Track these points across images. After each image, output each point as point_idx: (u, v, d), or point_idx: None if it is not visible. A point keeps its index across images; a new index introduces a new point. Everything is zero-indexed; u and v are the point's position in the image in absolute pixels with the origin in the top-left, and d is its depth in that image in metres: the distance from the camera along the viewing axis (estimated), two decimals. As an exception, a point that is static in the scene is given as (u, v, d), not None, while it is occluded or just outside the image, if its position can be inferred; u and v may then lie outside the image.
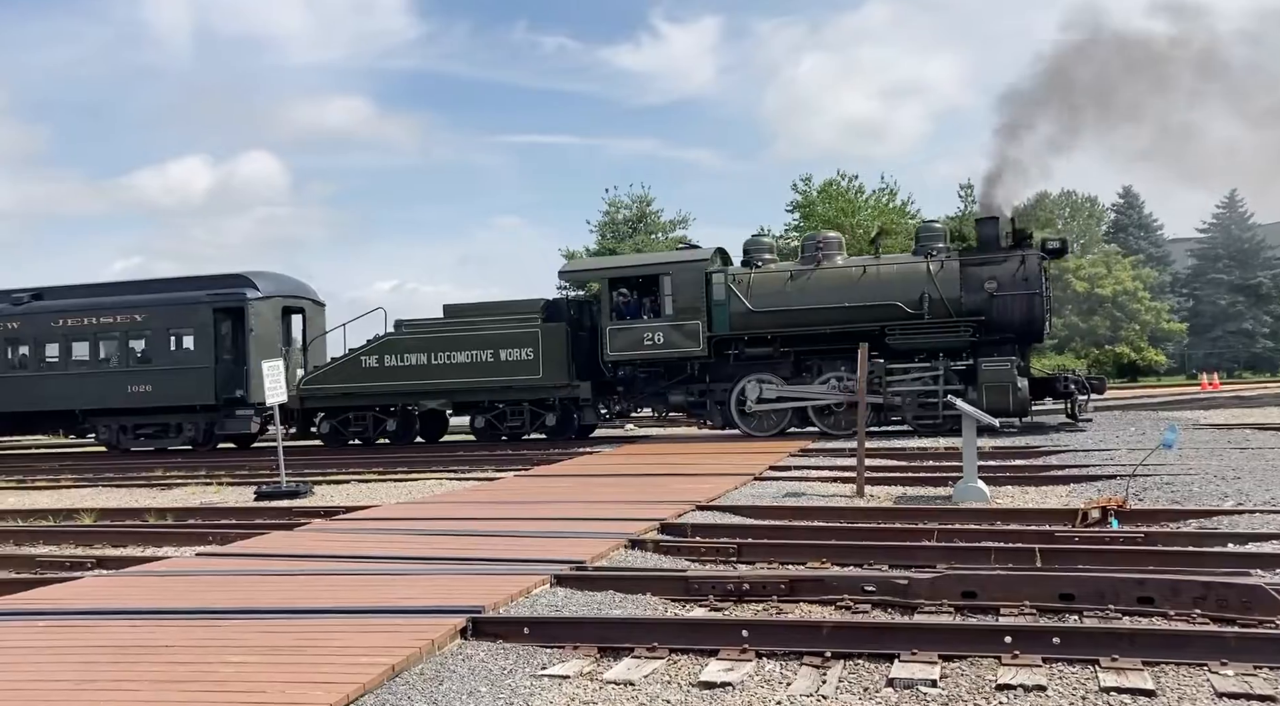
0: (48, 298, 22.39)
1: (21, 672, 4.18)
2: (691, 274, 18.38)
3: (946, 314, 16.97)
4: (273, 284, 21.88)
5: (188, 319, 21.18)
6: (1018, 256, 17.11)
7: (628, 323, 18.73)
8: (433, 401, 20.08)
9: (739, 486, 10.32)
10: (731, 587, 5.60)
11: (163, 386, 20.70)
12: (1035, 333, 17.29)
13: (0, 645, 4.66)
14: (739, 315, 18.01)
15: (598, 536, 7.19)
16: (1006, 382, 16.19)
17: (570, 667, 4.39)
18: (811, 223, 48.89)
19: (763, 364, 18.19)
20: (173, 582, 6.10)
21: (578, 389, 18.89)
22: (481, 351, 19.19)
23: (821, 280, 17.89)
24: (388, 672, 4.08)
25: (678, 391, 18.74)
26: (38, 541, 9.20)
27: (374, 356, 19.69)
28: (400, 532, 7.81)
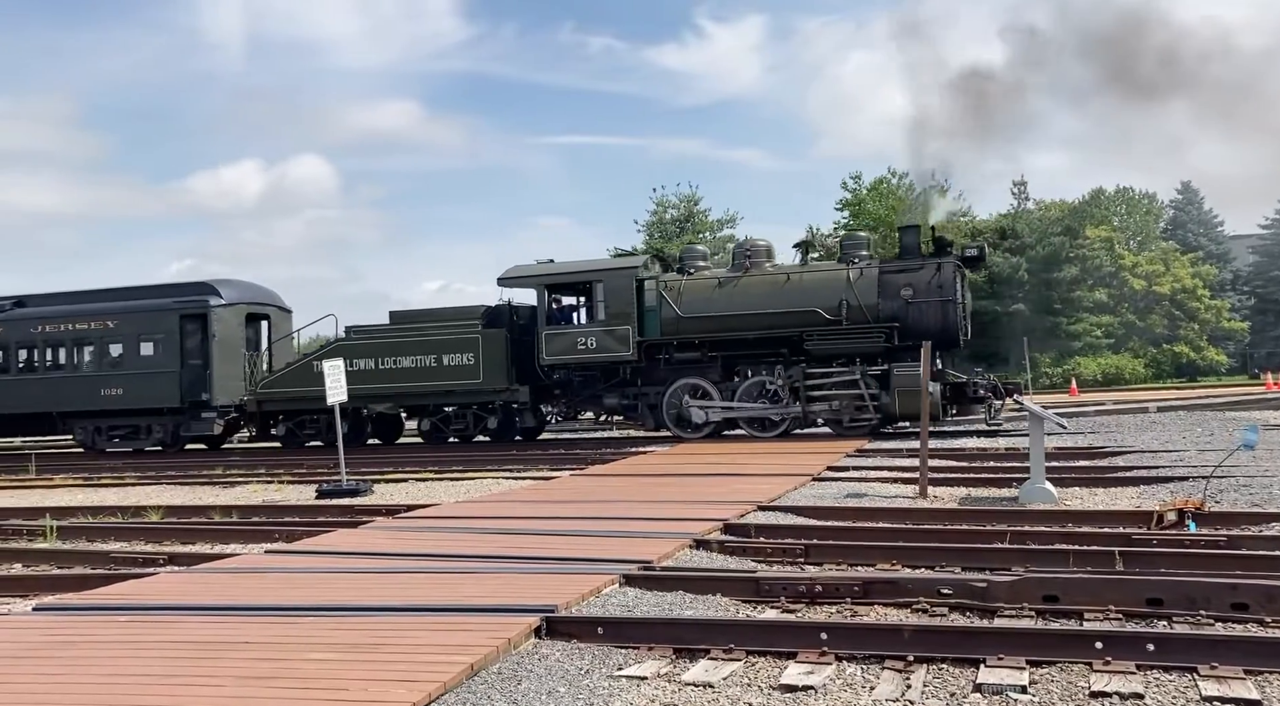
0: (30, 305, 23.41)
1: (107, 667, 4.24)
2: (622, 280, 18.89)
3: (864, 320, 17.47)
4: (236, 291, 22.64)
5: (156, 325, 21.91)
6: (934, 265, 17.52)
7: (562, 327, 19.35)
8: (381, 405, 20.69)
9: (798, 487, 10.22)
10: (803, 589, 5.52)
11: (133, 390, 21.50)
12: (950, 339, 17.60)
13: (84, 639, 4.73)
14: (669, 321, 18.54)
15: (662, 536, 7.14)
16: (917, 387, 16.28)
17: (647, 668, 4.35)
18: (861, 220, 48.47)
19: (693, 368, 18.61)
20: (245, 579, 6.16)
21: (517, 392, 19.51)
22: (426, 356, 19.84)
23: (748, 287, 18.40)
24: (467, 671, 4.07)
25: (612, 394, 19.21)
26: (109, 538, 9.38)
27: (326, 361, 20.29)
28: (464, 531, 7.84)
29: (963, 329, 17.93)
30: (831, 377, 17.63)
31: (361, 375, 19.89)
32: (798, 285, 18.19)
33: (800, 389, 17.64)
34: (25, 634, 4.91)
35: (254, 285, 23.83)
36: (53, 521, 9.75)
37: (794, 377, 17.71)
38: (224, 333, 21.68)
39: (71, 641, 4.69)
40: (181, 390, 21.42)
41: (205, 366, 21.49)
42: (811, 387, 17.69)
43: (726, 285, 18.62)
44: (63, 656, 4.43)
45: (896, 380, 16.93)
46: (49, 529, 9.51)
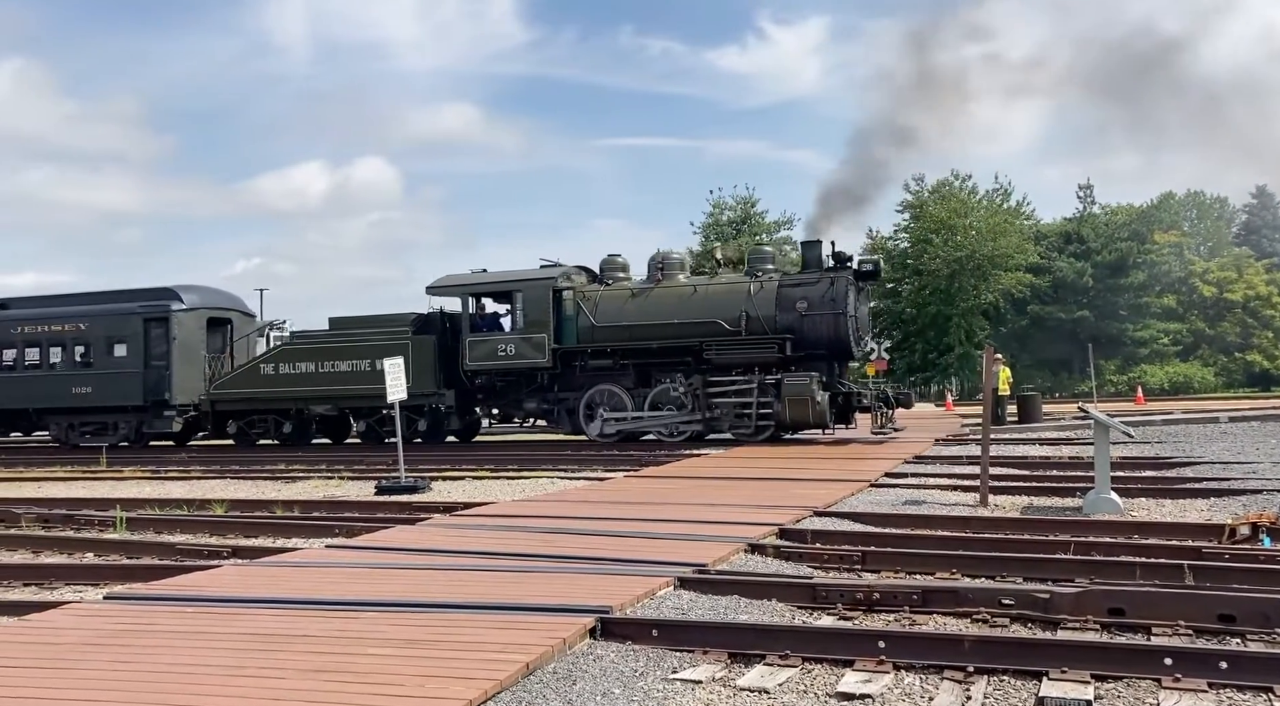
0: (11, 308, 24.69)
1: (174, 656, 4.34)
2: (539, 290, 19.63)
3: (763, 331, 18.11)
4: (198, 297, 23.69)
5: (122, 328, 23.02)
6: (828, 279, 18.22)
7: (484, 335, 20.11)
8: (321, 406, 21.61)
9: (855, 493, 10.11)
10: (860, 596, 5.46)
11: (100, 389, 22.69)
12: (842, 350, 18.29)
13: (153, 628, 4.85)
14: (585, 330, 19.29)
15: (717, 539, 7.12)
16: (805, 396, 17.32)
17: (702, 672, 4.33)
18: (923, 223, 47.88)
19: (607, 375, 19.27)
20: (306, 573, 6.27)
21: (443, 397, 20.33)
22: (360, 361, 20.62)
23: (658, 298, 19.17)
24: (522, 670, 4.09)
25: (531, 399, 19.99)
26: (175, 530, 9.61)
27: (271, 364, 21.62)
28: (519, 530, 7.89)
29: (858, 340, 18.57)
30: (730, 386, 18.28)
31: (303, 378, 21.14)
32: (703, 297, 18.91)
33: (701, 397, 18.33)
34: (97, 622, 5.05)
35: (217, 290, 25.06)
36: (122, 513, 10.03)
37: (695, 386, 18.38)
38: (184, 336, 22.70)
39: (140, 630, 4.82)
40: (145, 389, 22.51)
41: (166, 367, 22.46)
42: (714, 395, 18.37)
43: (639, 296, 19.39)
44: (132, 645, 4.54)
45: (786, 389, 17.53)
46: (119, 520, 9.78)
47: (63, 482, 15.56)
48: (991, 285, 47.21)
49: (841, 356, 18.67)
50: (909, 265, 49.35)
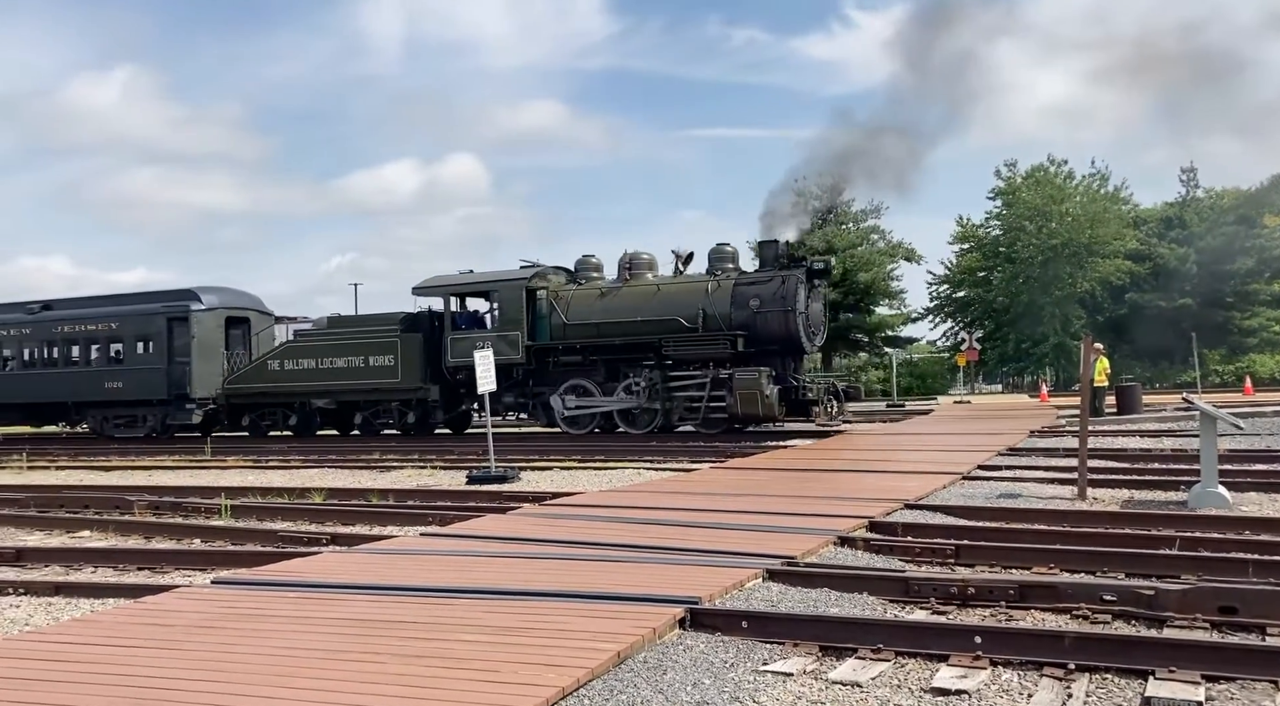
0: (55, 308, 26.71)
1: (277, 640, 4.49)
2: (513, 290, 20.74)
3: (719, 328, 18.85)
4: (217, 297, 25.31)
5: (147, 327, 24.86)
6: (780, 277, 18.90)
7: (465, 333, 21.09)
8: (320, 400, 22.84)
9: (947, 485, 9.91)
10: (955, 591, 5.35)
11: (130, 383, 24.44)
12: (794, 346, 18.86)
13: (257, 613, 5.03)
14: (558, 327, 20.33)
15: (806, 532, 7.06)
16: (755, 390, 17.96)
17: (793, 665, 4.30)
18: (1016, 210, 46.60)
19: (578, 371, 20.28)
20: (401, 561, 6.42)
21: (428, 391, 21.51)
22: (355, 357, 22.10)
23: (624, 297, 20.04)
24: (614, 659, 4.12)
25: (509, 393, 20.72)
26: (277, 517, 9.94)
27: (277, 361, 23.00)
28: (607, 520, 7.94)
29: (810, 336, 19.08)
30: (689, 381, 19.19)
31: (305, 373, 22.50)
32: (665, 296, 19.75)
33: (660, 391, 19.30)
34: (206, 605, 5.25)
35: (236, 291, 26.60)
36: (227, 501, 10.41)
37: (655, 380, 19.32)
38: (203, 334, 24.29)
39: (246, 614, 5.00)
40: (168, 384, 24.15)
41: (187, 363, 24.03)
42: (673, 390, 19.33)
43: (607, 295, 20.30)
44: (238, 628, 4.72)
45: (737, 383, 18.20)
46: (224, 508, 10.16)
47: (171, 471, 16.23)
48: (1088, 273, 45.69)
49: (793, 352, 19.19)
50: (1001, 253, 48.10)
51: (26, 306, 26.96)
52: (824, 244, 47.70)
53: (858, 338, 50.27)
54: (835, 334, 48.78)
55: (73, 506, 11.30)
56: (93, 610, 5.82)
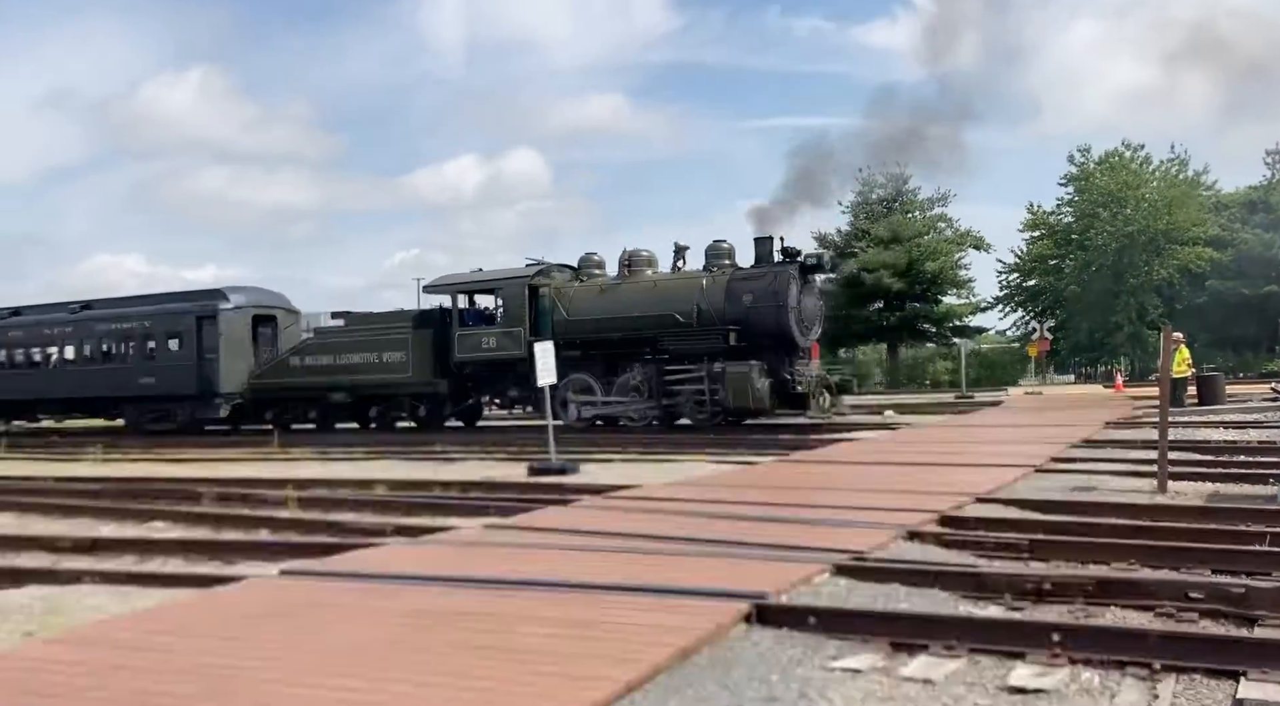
0: (94, 308, 27.98)
1: (347, 630, 4.50)
2: (516, 288, 21.46)
3: (713, 323, 19.21)
4: (244, 296, 26.46)
5: (178, 325, 25.98)
6: (772, 273, 19.31)
7: (471, 329, 21.98)
8: (337, 395, 23.66)
9: (1019, 479, 9.64)
10: (1030, 586, 5.18)
11: (162, 379, 25.58)
12: (786, 340, 19.20)
13: (324, 603, 5.06)
14: (560, 323, 20.75)
15: (873, 526, 6.90)
16: (745, 383, 18.38)
17: (863, 661, 4.19)
18: (1089, 196, 45.43)
19: (581, 365, 20.53)
20: (465, 552, 6.43)
21: (438, 386, 22.35)
22: (370, 353, 22.90)
23: (623, 293, 20.66)
24: (679, 653, 4.05)
25: (513, 388, 21.57)
26: (342, 508, 10.06)
27: (297, 357, 24.12)
28: (670, 513, 7.86)
29: (803, 330, 19.51)
30: (685, 375, 19.56)
31: (323, 369, 23.48)
32: (662, 291, 20.24)
33: (657, 385, 19.75)
34: (274, 595, 5.31)
35: (263, 289, 27.87)
36: (294, 492, 10.57)
37: (650, 375, 19.82)
38: (230, 331, 25.19)
39: (313, 604, 5.03)
40: (198, 380, 25.19)
41: (215, 360, 25.04)
42: (670, 383, 19.71)
43: (607, 291, 20.95)
44: (306, 618, 4.75)
45: (729, 377, 18.61)
46: (290, 499, 10.32)
47: (239, 463, 16.58)
48: (1165, 260, 44.36)
49: (786, 346, 19.44)
50: (1073, 240, 46.93)
51: (68, 306, 28.52)
52: (889, 233, 47.09)
53: (925, 328, 49.56)
54: (902, 324, 48.22)
55: (145, 497, 11.58)
56: (165, 599, 5.92)
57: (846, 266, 46.54)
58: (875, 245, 46.86)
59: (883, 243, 46.99)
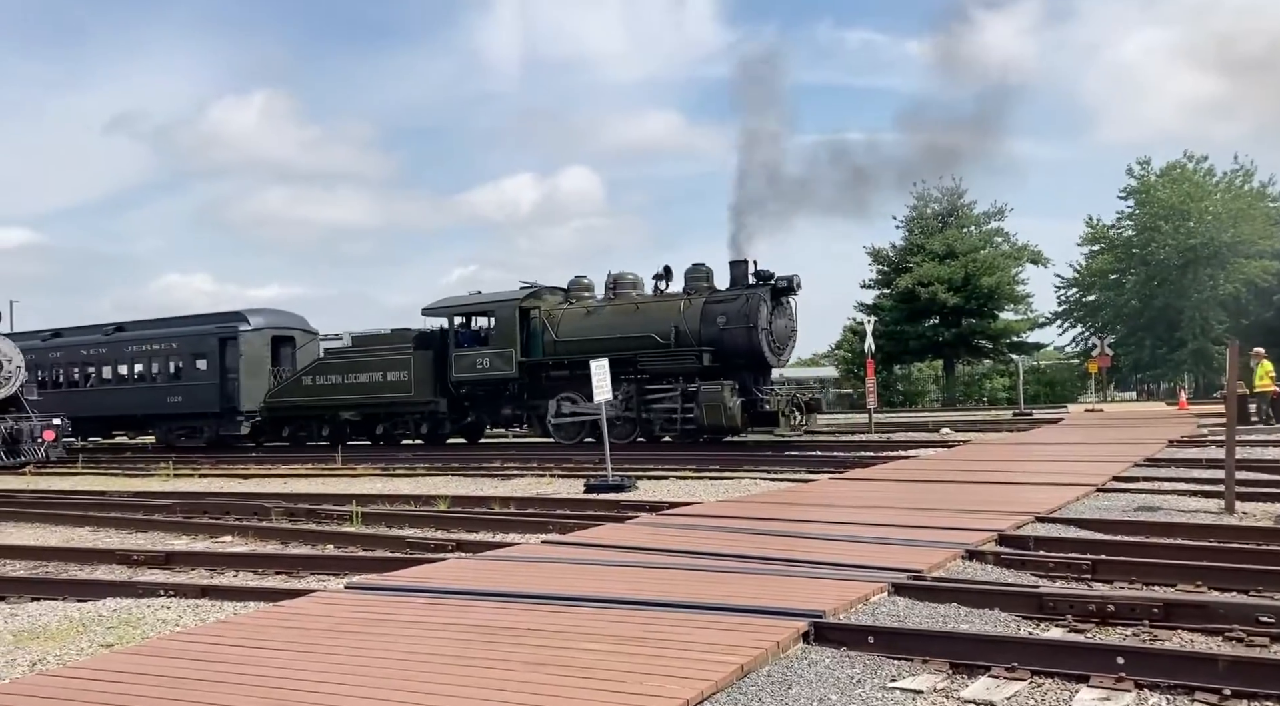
0: (127, 329, 29.43)
1: (408, 644, 4.61)
2: (507, 310, 22.44)
3: (689, 344, 20.21)
4: (263, 318, 27.84)
5: (202, 346, 27.34)
6: (744, 295, 20.16)
7: (466, 350, 22.91)
8: (347, 412, 24.97)
9: (1081, 498, 9.50)
10: (1093, 608, 5.12)
11: (188, 398, 26.89)
12: (758, 361, 19.97)
13: (388, 617, 5.18)
14: (549, 344, 21.98)
15: (931, 545, 6.87)
16: (719, 402, 19.25)
17: (922, 682, 4.18)
18: (1150, 209, 44.54)
19: (567, 384, 21.51)
20: (525, 568, 6.52)
21: (438, 404, 23.43)
22: (375, 373, 24.09)
23: (607, 315, 21.67)
24: (737, 672, 4.09)
25: (506, 406, 22.82)
26: (404, 524, 10.24)
27: (310, 376, 25.33)
28: (726, 530, 7.89)
29: (776, 351, 20.26)
30: (661, 393, 20.57)
31: (334, 388, 24.69)
32: (643, 313, 21.21)
33: (637, 403, 20.70)
34: (340, 609, 5.44)
35: (281, 312, 29.25)
36: (358, 508, 10.77)
37: (631, 393, 20.69)
38: (249, 352, 26.65)
39: (378, 618, 5.15)
40: (220, 398, 26.55)
41: (236, 379, 26.47)
42: (649, 402, 20.66)
43: (593, 313, 21.93)
44: (371, 632, 4.86)
45: (702, 396, 19.52)
46: (355, 514, 10.52)
47: (304, 479, 16.91)
48: (1231, 274, 43.25)
49: (758, 366, 20.27)
50: (1134, 254, 45.98)
51: (103, 328, 30.04)
52: (945, 247, 46.59)
53: (981, 344, 48.88)
54: (958, 339, 47.61)
55: (215, 512, 11.89)
56: (236, 612, 6.09)
57: (901, 281, 46.17)
58: (930, 260, 46.39)
59: (938, 257, 46.50)
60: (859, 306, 50.92)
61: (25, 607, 6.91)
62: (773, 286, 20.35)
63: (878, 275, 50.22)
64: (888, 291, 48.86)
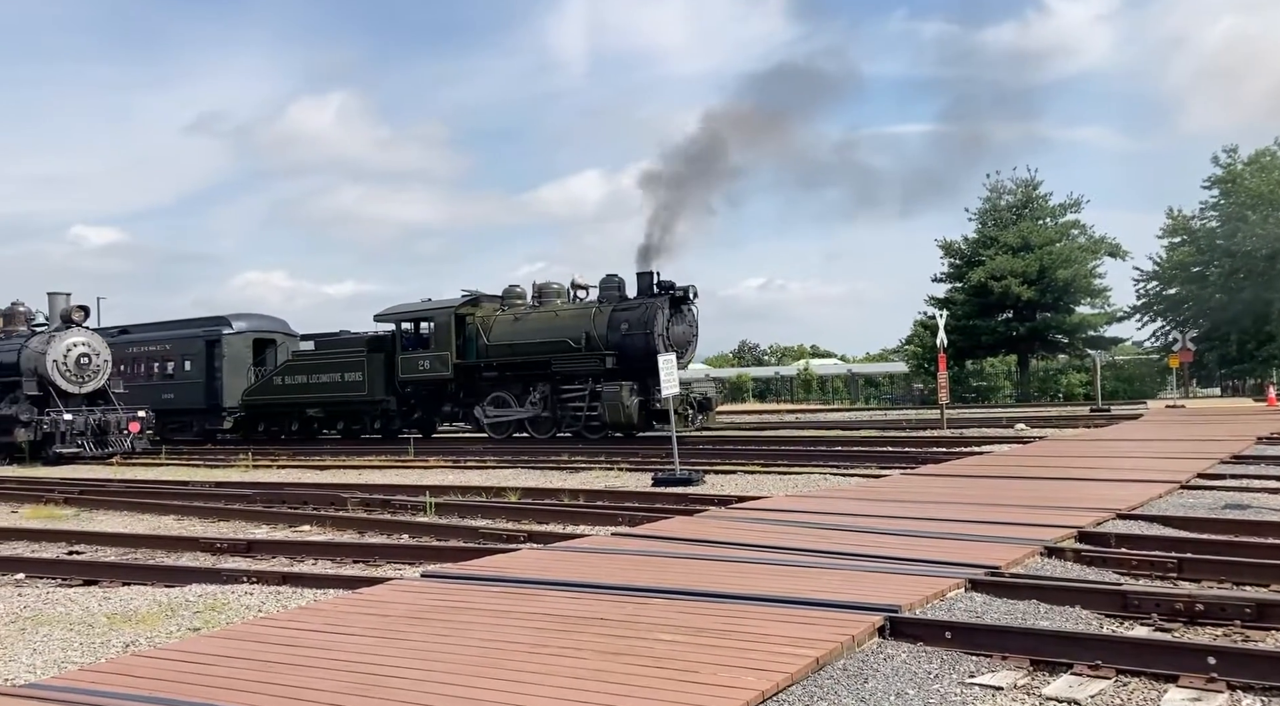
0: (131, 332, 31.88)
1: (484, 633, 4.67)
2: (445, 317, 24.70)
3: (597, 348, 22.29)
4: (245, 322, 30.40)
5: (190, 348, 29.88)
6: (644, 304, 22.35)
7: (411, 353, 25.20)
8: (312, 410, 27.58)
9: (1164, 494, 9.23)
10: (1181, 607, 4.98)
11: (179, 395, 28.91)
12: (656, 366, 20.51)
13: (464, 606, 5.25)
14: (482, 348, 24.11)
15: (1008, 541, 6.74)
16: (618, 402, 21.37)
17: (1002, 678, 4.11)
18: (1237, 199, 43.02)
19: (498, 384, 23.92)
20: (596, 559, 6.56)
21: (389, 402, 25.76)
22: (334, 373, 26.38)
23: (531, 321, 23.84)
24: (812, 665, 4.06)
25: (446, 404, 25.30)
26: (476, 515, 10.39)
27: (280, 376, 27.73)
28: (797, 525, 7.84)
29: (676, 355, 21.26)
30: (572, 393, 22.65)
31: (301, 387, 26.96)
32: (560, 320, 23.34)
33: (553, 402, 22.93)
34: (417, 597, 5.54)
35: (264, 316, 31.76)
36: (431, 499, 10.95)
37: (547, 393, 22.98)
38: (231, 353, 29.19)
39: (454, 607, 5.23)
40: (206, 396, 29.04)
41: (220, 379, 28.94)
42: (563, 401, 22.84)
43: (521, 319, 24.03)
44: (448, 620, 4.94)
45: (605, 396, 21.67)
46: (429, 505, 10.70)
47: (378, 470, 17.24)
48: (1325, 265, 41.58)
49: (655, 369, 21.15)
50: (1219, 246, 44.46)
51: (109, 331, 31.67)
52: (1019, 239, 45.64)
53: (1056, 338, 47.81)
54: (1032, 334, 46.60)
55: (293, 502, 12.19)
56: (316, 599, 6.24)
57: (974, 274, 45.33)
58: (1004, 253, 45.45)
59: (1012, 250, 45.55)
60: (930, 300, 50.13)
61: (117, 591, 7.17)
62: (671, 296, 22.39)
63: (949, 268, 49.38)
64: (959, 285, 48.01)
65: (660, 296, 22.38)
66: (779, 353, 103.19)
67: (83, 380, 24.23)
